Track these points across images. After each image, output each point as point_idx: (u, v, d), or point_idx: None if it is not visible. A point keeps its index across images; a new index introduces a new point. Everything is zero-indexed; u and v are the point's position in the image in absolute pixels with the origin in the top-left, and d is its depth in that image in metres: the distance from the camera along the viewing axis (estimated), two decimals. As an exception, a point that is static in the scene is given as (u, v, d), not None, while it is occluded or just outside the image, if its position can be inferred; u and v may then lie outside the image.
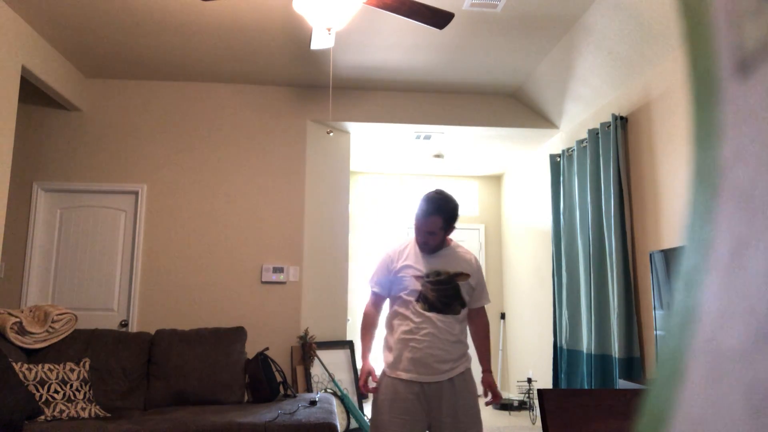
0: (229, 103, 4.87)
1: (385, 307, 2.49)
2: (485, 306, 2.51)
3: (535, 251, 5.86)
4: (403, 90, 5.01)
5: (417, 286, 2.32)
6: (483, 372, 2.46)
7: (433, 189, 2.48)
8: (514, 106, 5.13)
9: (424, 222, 2.36)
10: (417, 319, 2.29)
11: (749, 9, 0.21)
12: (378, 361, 2.41)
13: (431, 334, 2.27)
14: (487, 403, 2.42)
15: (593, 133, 4.27)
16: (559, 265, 4.76)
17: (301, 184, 4.80)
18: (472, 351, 2.46)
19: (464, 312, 2.38)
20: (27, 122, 4.60)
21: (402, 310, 2.34)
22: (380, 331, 2.50)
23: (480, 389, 2.59)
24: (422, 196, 2.45)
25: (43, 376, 3.32)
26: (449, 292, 2.32)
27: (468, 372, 2.37)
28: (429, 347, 2.27)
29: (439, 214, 2.35)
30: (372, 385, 2.32)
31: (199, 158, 4.77)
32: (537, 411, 5.54)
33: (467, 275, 2.38)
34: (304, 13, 2.64)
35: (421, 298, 2.31)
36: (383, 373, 2.36)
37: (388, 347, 2.39)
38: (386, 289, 2.42)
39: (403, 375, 2.28)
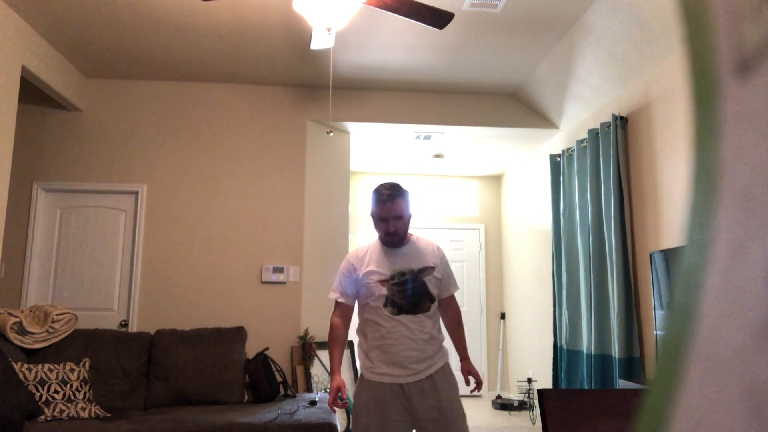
0: (229, 103, 4.87)
1: (354, 316, 2.43)
2: (455, 294, 2.48)
3: (535, 251, 5.86)
4: (403, 90, 5.01)
5: (383, 290, 2.28)
6: (462, 361, 2.44)
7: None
8: (514, 106, 5.13)
9: (390, 207, 2.31)
10: (387, 324, 2.27)
11: (749, 9, 0.21)
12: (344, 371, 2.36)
13: (404, 336, 2.25)
14: (471, 391, 2.39)
15: (593, 133, 4.27)
16: (559, 265, 4.76)
17: (301, 184, 4.80)
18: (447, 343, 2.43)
19: (434, 307, 2.35)
20: (27, 122, 4.60)
21: (372, 317, 2.31)
22: (353, 337, 2.46)
23: (461, 379, 2.54)
24: (372, 192, 2.40)
25: (43, 376, 3.32)
26: (417, 290, 2.29)
27: (447, 366, 2.34)
28: (404, 349, 2.25)
29: (400, 196, 2.34)
30: (340, 402, 2.25)
31: (199, 158, 4.77)
32: (537, 411, 5.54)
33: (432, 268, 2.34)
34: (304, 13, 2.64)
35: (389, 302, 2.28)
36: (361, 376, 2.34)
37: (363, 352, 2.36)
38: (351, 297, 2.38)
39: (383, 378, 2.26)
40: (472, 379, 2.40)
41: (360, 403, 2.29)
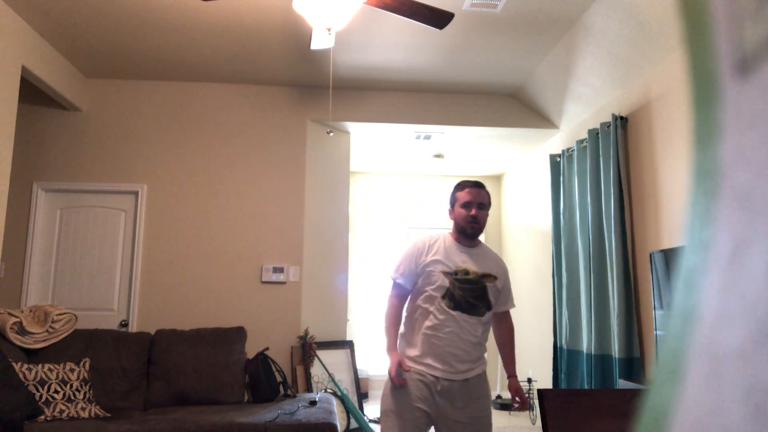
0: (229, 103, 4.87)
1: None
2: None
3: (535, 251, 5.86)
4: (403, 90, 5.01)
5: (445, 282, 2.27)
6: (509, 377, 2.41)
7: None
8: (514, 106, 5.13)
9: (477, 192, 2.35)
10: (441, 316, 2.26)
11: (749, 9, 0.21)
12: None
13: (453, 333, 2.24)
14: (514, 408, 2.36)
15: (593, 133, 4.27)
16: (559, 265, 4.76)
17: (301, 184, 4.80)
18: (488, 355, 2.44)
19: (488, 314, 2.34)
20: (27, 122, 4.60)
21: (426, 305, 2.30)
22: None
23: (502, 394, 2.51)
24: (454, 186, 2.46)
25: (43, 376, 3.32)
26: (476, 292, 2.28)
27: (483, 375, 2.34)
28: (450, 345, 2.24)
29: (483, 188, 2.41)
30: (401, 374, 2.25)
31: (199, 158, 4.77)
32: (537, 411, 5.54)
33: (495, 277, 2.34)
34: (304, 13, 2.64)
35: (448, 295, 2.27)
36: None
37: (406, 340, 2.35)
38: (411, 282, 2.37)
39: (421, 368, 2.25)
40: (517, 399, 2.37)
41: (392, 388, 2.28)
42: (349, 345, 4.83)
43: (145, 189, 4.68)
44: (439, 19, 2.98)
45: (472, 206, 2.34)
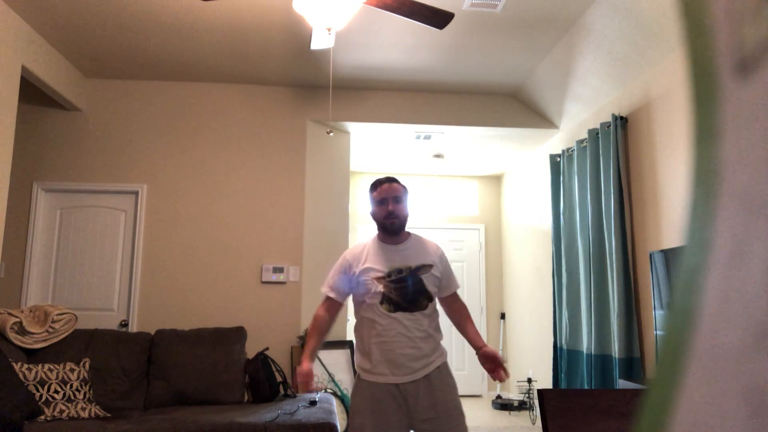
0: (229, 103, 4.87)
1: (343, 316, 2.43)
2: (457, 291, 2.47)
3: (535, 251, 5.86)
4: (403, 90, 5.01)
5: (379, 288, 2.27)
6: (480, 348, 2.31)
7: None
8: (514, 106, 5.13)
9: (388, 187, 2.36)
10: (383, 322, 2.26)
11: (749, 9, 0.21)
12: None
13: (400, 334, 2.24)
14: (495, 378, 2.26)
15: (593, 133, 4.27)
16: (559, 265, 4.76)
17: (301, 184, 4.80)
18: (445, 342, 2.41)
19: (432, 305, 2.33)
20: (27, 122, 4.60)
21: (368, 314, 2.30)
22: (353, 337, 2.43)
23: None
24: (369, 188, 2.45)
25: (43, 376, 3.32)
26: (414, 287, 2.28)
27: (444, 366, 2.32)
28: (400, 347, 2.23)
29: (398, 182, 2.41)
30: (307, 388, 2.23)
31: (199, 158, 4.77)
32: (537, 411, 5.54)
33: (430, 266, 2.33)
34: (304, 13, 2.64)
35: (385, 299, 2.27)
36: (358, 377, 2.33)
37: (360, 352, 2.34)
38: (343, 294, 2.38)
39: (379, 378, 2.25)
40: (494, 361, 2.28)
41: (356, 403, 2.27)
42: (349, 345, 4.83)
43: (145, 189, 4.68)
44: (439, 19, 2.99)
45: (388, 202, 2.34)
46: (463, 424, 2.27)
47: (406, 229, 2.44)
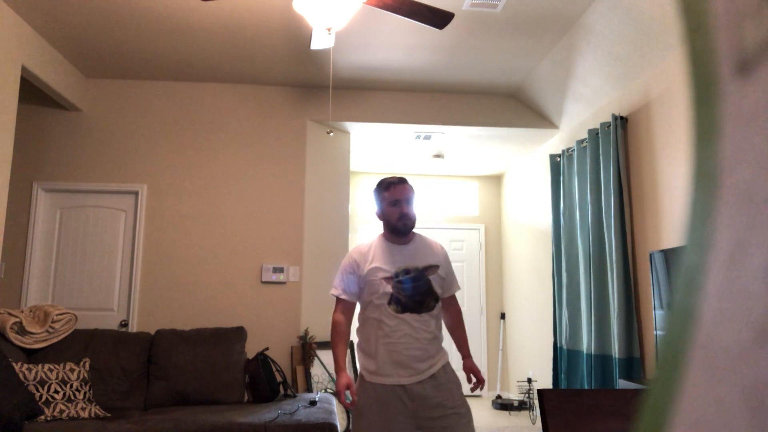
0: (229, 103, 4.88)
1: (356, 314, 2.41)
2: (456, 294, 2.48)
3: (535, 251, 5.86)
4: (403, 90, 5.01)
5: (387, 288, 2.25)
6: (464, 358, 2.40)
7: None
8: (514, 106, 5.13)
9: (402, 188, 2.34)
10: (391, 322, 2.23)
11: (749, 9, 0.21)
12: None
13: (408, 335, 2.23)
14: (472, 389, 2.34)
15: (593, 133, 4.27)
16: (559, 265, 4.76)
17: (301, 184, 4.80)
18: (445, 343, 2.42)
19: (438, 306, 2.32)
20: (27, 122, 4.60)
21: (375, 314, 2.27)
22: (354, 337, 2.43)
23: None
24: (376, 187, 2.42)
25: (43, 376, 3.32)
26: (421, 288, 2.27)
27: (448, 365, 2.32)
28: (407, 348, 2.22)
29: (407, 183, 2.39)
30: (349, 399, 2.24)
31: (199, 158, 4.77)
32: (537, 411, 5.54)
33: (436, 266, 2.31)
34: (304, 13, 2.64)
35: (393, 300, 2.24)
36: (362, 377, 2.30)
37: (364, 353, 2.31)
38: (354, 295, 2.34)
39: (385, 380, 2.22)
40: (473, 378, 2.37)
41: (361, 404, 2.25)
42: (349, 345, 4.83)
43: (145, 189, 4.68)
44: (439, 19, 2.99)
45: (401, 203, 2.32)
46: (471, 420, 2.27)
47: None
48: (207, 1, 2.80)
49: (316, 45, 3.34)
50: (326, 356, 4.59)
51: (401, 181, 2.36)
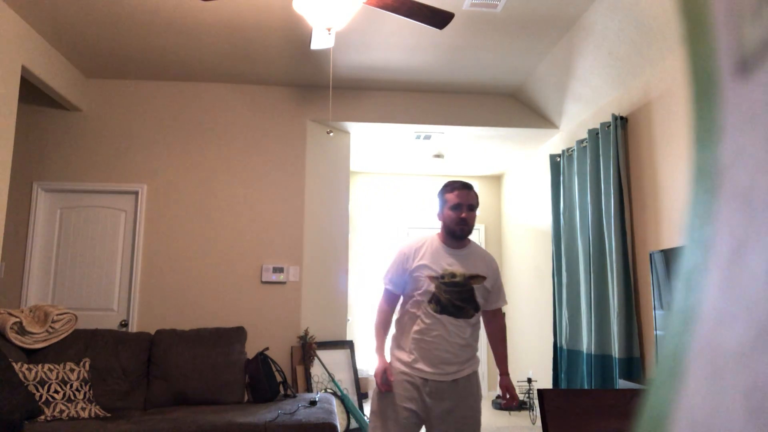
0: (229, 103, 4.87)
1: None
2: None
3: (535, 251, 5.86)
4: (403, 90, 5.01)
5: (431, 287, 2.28)
6: (501, 375, 2.43)
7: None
8: (514, 106, 5.13)
9: (467, 194, 2.34)
10: (427, 320, 2.27)
11: (749, 9, 0.21)
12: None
13: (440, 337, 2.26)
14: (503, 405, 2.39)
15: (593, 133, 4.27)
16: (559, 265, 4.76)
17: (301, 184, 4.80)
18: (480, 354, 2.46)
19: (477, 316, 2.34)
20: (27, 122, 4.60)
21: (414, 309, 2.32)
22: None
23: (496, 392, 2.57)
24: (442, 187, 2.43)
25: (43, 376, 3.32)
26: (463, 295, 2.28)
27: (474, 375, 2.35)
28: (437, 348, 2.26)
29: (472, 189, 2.39)
30: (387, 381, 2.31)
31: (199, 158, 4.77)
32: (537, 411, 5.54)
33: (483, 277, 2.33)
34: (304, 13, 2.64)
35: (434, 299, 2.27)
36: (391, 365, 2.37)
37: (396, 343, 2.39)
38: (400, 287, 2.39)
39: (410, 370, 2.28)
40: (507, 395, 2.39)
41: (382, 390, 2.32)
42: (349, 345, 4.83)
43: (145, 189, 4.68)
44: (439, 19, 2.98)
45: (462, 208, 2.33)
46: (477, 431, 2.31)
47: None
48: (207, 1, 2.80)
49: (316, 45, 3.34)
50: (326, 356, 4.59)
51: (465, 186, 2.37)
